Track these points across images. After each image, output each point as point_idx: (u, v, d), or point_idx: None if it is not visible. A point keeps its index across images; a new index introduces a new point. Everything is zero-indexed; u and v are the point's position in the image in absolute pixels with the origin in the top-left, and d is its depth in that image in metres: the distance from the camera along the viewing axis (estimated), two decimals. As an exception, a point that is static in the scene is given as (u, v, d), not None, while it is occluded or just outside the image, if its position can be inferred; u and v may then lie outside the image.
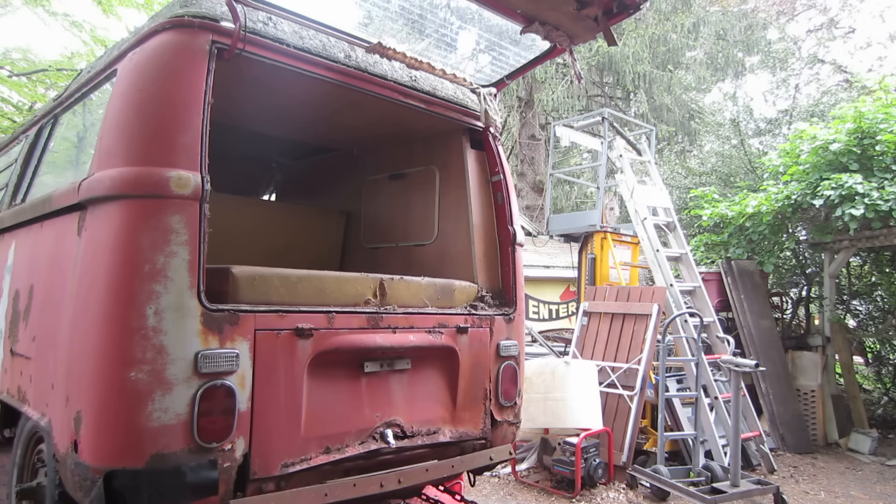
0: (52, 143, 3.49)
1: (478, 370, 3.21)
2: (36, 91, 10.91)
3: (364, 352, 2.75)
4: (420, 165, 3.92)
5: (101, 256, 2.20)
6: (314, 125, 3.86)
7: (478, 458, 3.21)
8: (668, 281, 6.29)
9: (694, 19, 16.34)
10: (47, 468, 2.51)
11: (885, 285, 8.19)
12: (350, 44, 2.89)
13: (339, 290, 2.75)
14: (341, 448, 2.63)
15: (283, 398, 2.44)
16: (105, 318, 2.14)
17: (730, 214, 7.74)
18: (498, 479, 5.61)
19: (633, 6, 2.83)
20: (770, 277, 8.44)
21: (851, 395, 7.55)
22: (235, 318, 2.30)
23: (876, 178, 6.30)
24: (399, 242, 4.01)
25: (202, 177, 2.25)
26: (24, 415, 2.81)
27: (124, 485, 2.07)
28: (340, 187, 4.60)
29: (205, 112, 2.30)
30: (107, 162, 2.29)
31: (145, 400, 2.08)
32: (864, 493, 5.61)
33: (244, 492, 2.31)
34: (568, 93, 15.91)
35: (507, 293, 3.47)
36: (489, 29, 3.45)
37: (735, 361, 5.11)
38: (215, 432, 2.22)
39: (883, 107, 6.66)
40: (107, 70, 2.71)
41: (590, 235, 7.51)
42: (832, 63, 18.84)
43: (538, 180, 16.72)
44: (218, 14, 2.40)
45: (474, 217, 3.47)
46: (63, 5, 10.75)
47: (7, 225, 3.39)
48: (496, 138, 3.61)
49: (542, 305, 12.29)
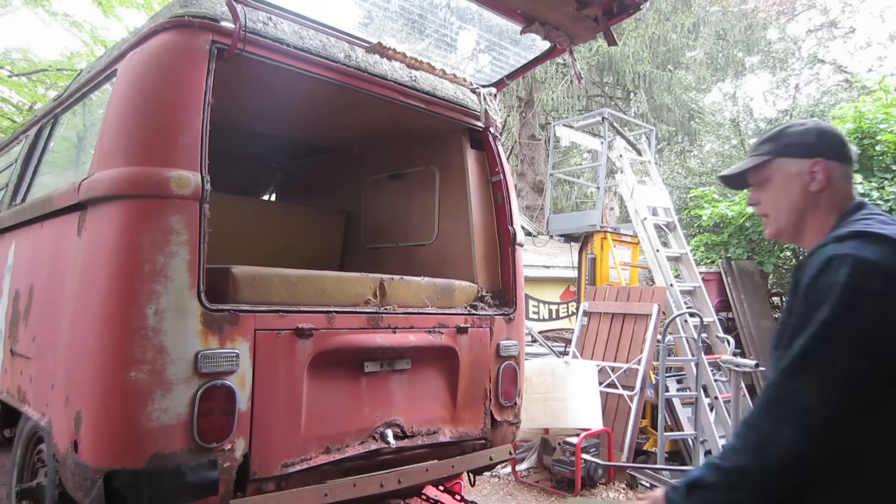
0: (52, 143, 3.49)
1: (478, 370, 3.21)
2: (36, 91, 10.91)
3: (364, 352, 2.75)
4: (420, 165, 3.91)
5: (101, 256, 2.20)
6: (314, 125, 3.86)
7: (478, 458, 3.21)
8: (668, 281, 6.29)
9: (694, 19, 16.36)
10: (47, 468, 2.51)
11: (885, 285, 8.17)
12: (350, 44, 2.89)
13: (339, 290, 2.75)
14: (341, 448, 2.63)
15: (283, 398, 2.44)
16: (105, 318, 2.14)
17: (730, 214, 7.75)
18: (498, 479, 5.61)
19: (633, 6, 2.82)
20: (770, 277, 8.45)
21: (851, 395, 7.54)
22: (235, 318, 2.30)
23: (876, 178, 6.31)
24: (399, 242, 4.01)
25: (202, 177, 2.25)
26: (24, 415, 2.81)
27: (124, 485, 2.06)
28: (340, 187, 4.59)
29: (205, 112, 2.30)
30: (107, 162, 2.29)
31: (145, 400, 2.08)
32: (864, 493, 5.60)
33: (244, 492, 2.31)
34: (568, 93, 15.92)
35: (507, 293, 3.47)
36: (489, 29, 3.45)
37: (735, 361, 5.11)
38: (215, 432, 2.22)
39: (883, 107, 6.67)
40: (107, 70, 2.71)
41: (590, 235, 7.51)
42: (832, 63, 18.86)
43: (538, 180, 16.73)
44: (218, 14, 2.40)
45: (474, 217, 3.47)
46: (63, 5, 10.76)
47: (7, 225, 3.39)
48: (496, 138, 3.61)
49: (542, 305, 12.30)
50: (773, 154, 1.63)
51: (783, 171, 1.61)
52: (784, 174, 1.61)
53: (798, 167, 1.58)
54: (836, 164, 1.57)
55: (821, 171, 1.56)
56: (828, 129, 1.62)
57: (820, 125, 1.63)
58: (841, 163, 1.57)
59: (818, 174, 1.56)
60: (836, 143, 1.58)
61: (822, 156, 1.56)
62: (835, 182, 1.56)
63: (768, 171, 1.64)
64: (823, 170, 1.56)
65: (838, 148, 1.58)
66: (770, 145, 1.65)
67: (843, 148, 1.58)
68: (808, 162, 1.57)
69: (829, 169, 1.56)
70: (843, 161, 1.57)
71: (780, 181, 1.61)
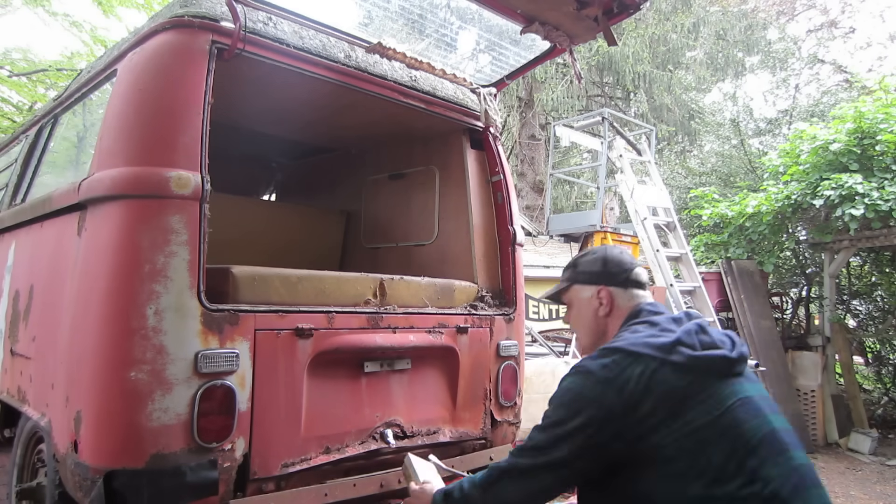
0: (52, 143, 3.49)
1: (478, 370, 3.21)
2: (36, 91, 10.91)
3: (364, 352, 2.75)
4: (420, 165, 3.91)
5: (101, 256, 2.20)
6: (314, 125, 3.86)
7: (478, 458, 3.21)
8: (668, 281, 6.29)
9: (694, 19, 16.34)
10: (47, 468, 2.51)
11: (885, 285, 8.18)
12: (350, 44, 2.89)
13: (339, 290, 2.75)
14: (341, 448, 2.63)
15: (283, 398, 2.44)
16: (105, 318, 2.14)
17: (730, 214, 7.74)
18: (498, 479, 5.60)
19: (633, 6, 2.82)
20: (770, 277, 8.44)
21: (851, 395, 7.55)
22: (235, 318, 2.30)
23: (876, 178, 6.30)
24: (399, 242, 4.01)
25: (202, 177, 2.25)
26: (24, 415, 2.81)
27: (124, 485, 2.06)
28: (340, 187, 4.59)
29: (205, 112, 2.30)
30: (107, 162, 2.28)
31: (145, 400, 2.08)
32: (863, 493, 5.61)
33: (244, 492, 2.31)
34: (568, 93, 15.91)
35: (507, 293, 3.47)
36: (489, 29, 3.45)
37: (735, 361, 5.09)
38: (215, 432, 2.22)
39: (883, 107, 6.66)
40: (107, 70, 2.71)
41: (590, 235, 7.51)
42: (832, 63, 18.86)
43: (538, 180, 16.72)
44: (218, 14, 2.40)
45: (474, 217, 3.47)
46: (63, 5, 10.76)
47: (7, 225, 3.39)
48: (496, 138, 3.61)
49: (542, 305, 12.29)
50: (570, 281, 1.92)
51: (578, 296, 1.89)
52: (579, 299, 1.89)
53: (589, 293, 1.86)
54: (619, 290, 1.82)
55: (606, 297, 1.82)
56: (612, 258, 1.87)
57: (606, 254, 1.90)
58: (624, 288, 1.82)
59: (604, 299, 1.82)
60: (619, 271, 1.84)
61: (606, 283, 1.83)
62: (619, 305, 1.82)
63: (569, 295, 1.93)
64: (608, 296, 1.82)
65: (620, 275, 1.83)
66: (569, 272, 1.94)
67: (625, 274, 1.83)
68: (595, 289, 1.84)
69: (613, 294, 1.82)
70: (625, 286, 1.82)
71: (578, 305, 1.90)
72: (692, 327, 1.61)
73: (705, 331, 1.62)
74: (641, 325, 1.69)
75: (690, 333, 1.58)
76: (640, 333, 1.63)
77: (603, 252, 1.90)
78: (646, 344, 1.55)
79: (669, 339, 1.55)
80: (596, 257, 1.89)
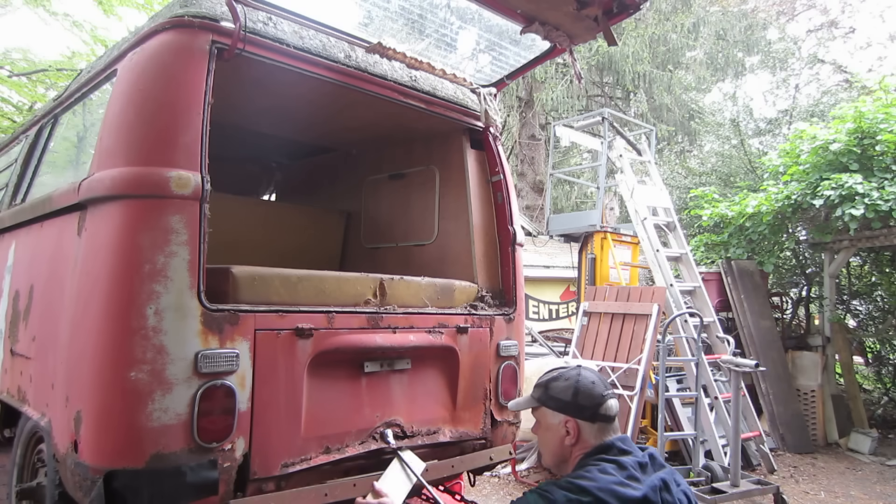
0: (52, 143, 3.49)
1: (478, 370, 3.21)
2: (36, 91, 10.91)
3: (364, 352, 2.75)
4: (420, 165, 3.91)
5: (101, 256, 2.20)
6: (314, 125, 3.86)
7: (478, 458, 3.21)
8: (668, 281, 6.29)
9: (694, 19, 16.35)
10: (47, 468, 2.51)
11: (885, 285, 8.19)
12: (350, 44, 2.89)
13: (339, 290, 2.75)
14: (341, 448, 2.63)
15: (283, 398, 2.44)
16: (105, 318, 2.14)
17: (730, 214, 7.74)
18: (498, 479, 5.61)
19: (633, 6, 2.82)
20: (770, 277, 8.44)
21: (851, 395, 7.55)
22: (235, 318, 2.30)
23: (876, 178, 6.30)
24: (399, 242, 4.01)
25: (202, 177, 2.25)
26: (24, 415, 2.81)
27: (124, 485, 2.06)
28: (340, 187, 4.59)
29: (205, 112, 2.30)
30: (107, 162, 2.28)
31: (145, 400, 2.08)
32: (864, 493, 5.61)
33: (244, 492, 2.31)
34: (568, 93, 15.91)
35: (507, 293, 3.47)
36: (489, 29, 3.45)
37: (735, 361, 5.11)
38: (215, 432, 2.22)
39: (883, 107, 6.66)
40: (107, 70, 2.71)
41: (590, 235, 7.51)
42: (832, 63, 18.86)
43: (538, 180, 16.72)
44: (218, 14, 2.40)
45: (474, 217, 3.47)
46: (63, 5, 10.75)
47: (7, 225, 3.39)
48: (496, 138, 3.61)
49: (542, 305, 12.29)
50: (539, 403, 1.92)
51: (546, 419, 1.90)
52: (547, 422, 1.90)
53: (557, 420, 1.86)
54: (587, 424, 1.83)
55: (573, 429, 1.83)
56: (584, 390, 1.85)
57: (578, 383, 1.87)
58: (592, 422, 1.82)
59: (571, 430, 1.83)
60: (589, 405, 1.83)
61: (574, 415, 1.83)
62: (584, 437, 1.82)
63: (538, 413, 1.94)
64: (574, 427, 1.83)
65: (588, 410, 1.83)
66: (540, 391, 1.93)
67: (593, 409, 1.82)
68: (563, 418, 1.85)
69: (580, 427, 1.83)
70: (593, 420, 1.82)
71: (545, 426, 1.91)
72: (657, 483, 1.68)
73: (668, 489, 1.69)
74: (610, 465, 1.72)
75: (656, 490, 1.66)
76: (609, 477, 1.67)
77: (576, 380, 1.88)
78: (613, 493, 1.61)
79: (637, 495, 1.61)
80: (568, 384, 1.87)
